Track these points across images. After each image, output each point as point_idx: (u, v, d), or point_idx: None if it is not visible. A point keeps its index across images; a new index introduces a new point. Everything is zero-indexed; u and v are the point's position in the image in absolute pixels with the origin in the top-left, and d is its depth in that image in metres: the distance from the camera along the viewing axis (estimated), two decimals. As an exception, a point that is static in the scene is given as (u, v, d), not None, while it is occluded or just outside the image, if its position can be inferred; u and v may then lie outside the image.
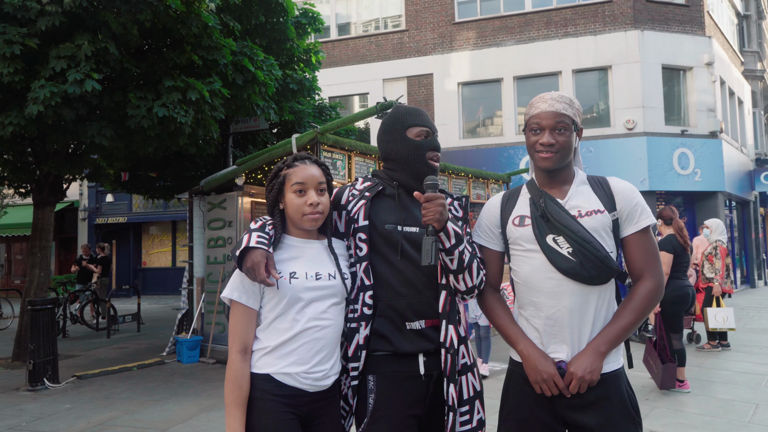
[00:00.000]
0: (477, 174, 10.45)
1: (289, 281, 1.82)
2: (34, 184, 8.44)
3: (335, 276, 1.89)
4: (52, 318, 6.69)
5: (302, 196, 1.87)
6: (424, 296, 1.92)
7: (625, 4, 14.46)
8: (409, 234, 1.96)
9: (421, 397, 1.91)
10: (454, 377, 1.90)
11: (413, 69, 16.39)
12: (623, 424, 1.81)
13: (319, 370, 1.83)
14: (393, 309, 1.91)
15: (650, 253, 1.88)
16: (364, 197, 2.00)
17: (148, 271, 20.46)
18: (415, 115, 2.05)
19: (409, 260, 1.93)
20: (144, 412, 5.42)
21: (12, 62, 5.98)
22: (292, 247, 1.90)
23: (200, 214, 8.35)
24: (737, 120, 18.09)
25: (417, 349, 1.90)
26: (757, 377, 6.19)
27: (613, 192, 1.91)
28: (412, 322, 1.91)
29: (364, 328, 1.91)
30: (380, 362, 1.90)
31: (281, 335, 1.81)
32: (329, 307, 1.87)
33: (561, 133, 1.87)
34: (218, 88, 6.89)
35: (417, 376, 1.90)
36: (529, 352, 1.85)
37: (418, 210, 1.97)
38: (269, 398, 1.78)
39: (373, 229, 1.96)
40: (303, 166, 1.91)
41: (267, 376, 1.80)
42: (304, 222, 1.89)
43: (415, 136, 2.02)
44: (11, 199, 15.02)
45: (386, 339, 1.90)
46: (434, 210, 1.81)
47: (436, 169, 2.02)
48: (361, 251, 1.95)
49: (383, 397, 1.87)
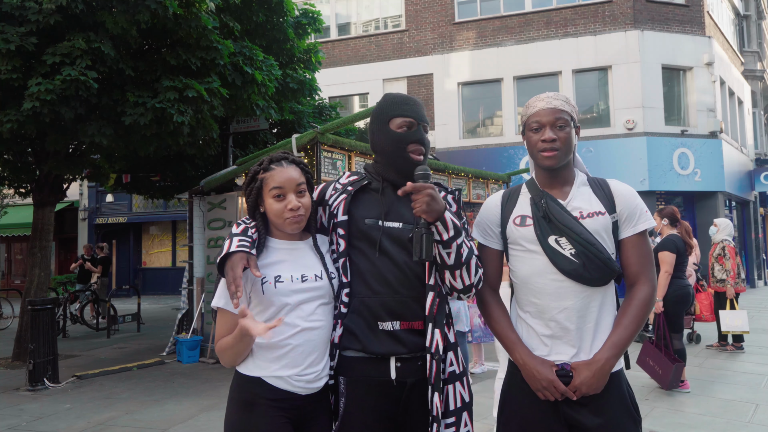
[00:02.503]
0: (477, 174, 10.45)
1: (275, 285, 1.79)
2: (34, 184, 8.44)
3: (322, 276, 1.85)
4: (52, 318, 6.69)
5: (281, 200, 1.83)
6: (400, 296, 1.82)
7: (625, 4, 14.46)
8: (390, 229, 1.86)
9: (394, 403, 1.81)
10: (438, 385, 1.78)
11: (413, 69, 16.39)
12: (624, 424, 1.81)
13: (311, 372, 1.80)
14: (366, 306, 1.82)
15: (646, 257, 1.88)
16: (346, 191, 1.93)
17: (148, 271, 20.46)
18: (400, 104, 1.92)
19: (387, 257, 1.84)
20: (144, 412, 5.42)
21: (10, 60, 5.99)
22: (277, 249, 1.87)
23: (200, 214, 8.35)
24: (737, 120, 18.09)
25: (388, 351, 1.80)
26: (757, 377, 6.19)
27: (614, 194, 1.91)
28: (384, 322, 1.80)
29: (339, 326, 1.85)
30: (351, 364, 1.83)
31: (272, 338, 1.78)
32: (317, 308, 1.84)
33: (561, 128, 1.87)
34: (216, 87, 6.89)
35: (388, 381, 1.81)
36: (526, 361, 1.83)
37: (404, 205, 1.89)
38: (262, 402, 1.76)
39: (352, 224, 1.88)
40: (280, 169, 1.85)
41: (258, 379, 1.78)
42: (285, 226, 1.85)
43: (397, 128, 1.90)
44: (11, 199, 15.01)
45: (356, 337, 1.82)
46: (422, 201, 1.71)
47: (419, 164, 1.87)
48: (340, 246, 1.88)
49: (353, 402, 1.81)
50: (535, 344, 1.88)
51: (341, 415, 1.82)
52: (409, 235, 1.81)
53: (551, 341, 1.85)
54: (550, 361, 1.83)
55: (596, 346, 1.82)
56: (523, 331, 1.92)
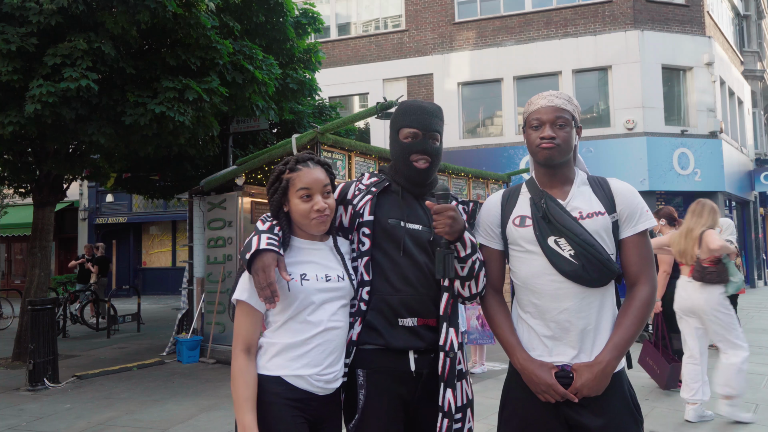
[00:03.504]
0: (477, 174, 10.45)
1: (301, 283, 1.79)
2: (34, 184, 8.44)
3: (344, 277, 1.87)
4: (52, 318, 6.69)
5: (308, 201, 1.83)
6: (419, 295, 1.90)
7: (625, 4, 14.46)
8: (412, 231, 1.95)
9: (410, 394, 1.89)
10: (452, 382, 1.87)
11: (413, 69, 16.39)
12: (626, 425, 1.80)
13: (330, 372, 1.81)
14: (386, 304, 1.89)
15: (646, 257, 1.87)
16: (370, 192, 1.99)
17: (148, 271, 20.46)
18: (408, 114, 1.99)
19: (409, 257, 1.92)
20: (144, 412, 5.42)
21: (10, 61, 5.99)
22: (300, 249, 1.87)
23: (200, 214, 8.34)
24: (737, 120, 18.10)
25: (408, 345, 1.88)
26: (757, 377, 6.18)
27: (614, 193, 1.89)
28: (404, 319, 1.88)
29: (358, 324, 1.90)
30: (370, 357, 1.88)
31: (294, 336, 1.79)
32: (339, 309, 1.85)
33: (561, 127, 1.86)
34: (216, 87, 6.89)
35: (407, 373, 1.88)
36: (525, 365, 1.83)
37: (422, 208, 1.99)
38: (280, 402, 1.74)
39: (377, 224, 1.95)
40: (307, 170, 1.85)
41: (278, 378, 1.77)
42: (311, 227, 1.85)
43: (404, 138, 1.98)
44: (11, 199, 15.00)
45: (378, 332, 1.88)
46: (443, 222, 1.80)
47: (423, 171, 1.96)
48: (364, 246, 1.94)
49: (374, 392, 1.86)
50: (536, 345, 1.87)
51: (361, 406, 1.87)
52: (431, 244, 1.93)
53: (552, 342, 1.85)
54: (549, 364, 1.82)
55: (597, 347, 1.81)
56: (524, 332, 1.92)
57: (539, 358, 1.85)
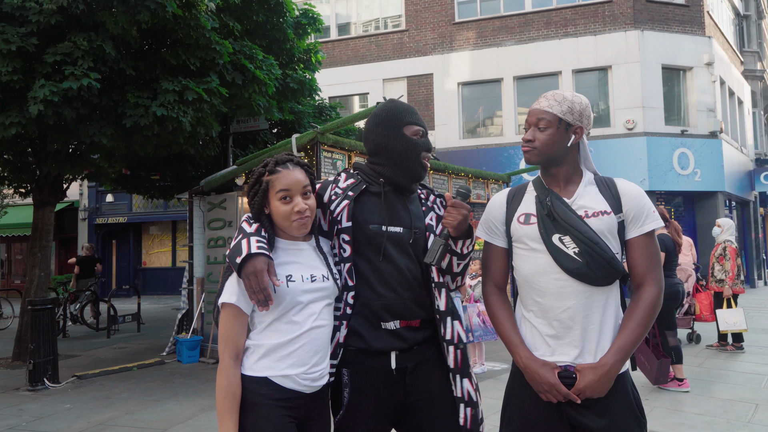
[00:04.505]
0: (477, 174, 10.45)
1: (287, 284, 1.80)
2: (34, 184, 8.43)
3: (328, 277, 1.88)
4: (52, 318, 6.69)
5: (288, 203, 1.83)
6: (402, 298, 1.93)
7: (625, 4, 14.46)
8: (393, 234, 1.96)
9: (396, 389, 1.92)
10: (467, 371, 1.95)
11: (413, 69, 16.39)
12: (629, 426, 1.80)
13: (316, 370, 1.83)
14: (369, 309, 1.92)
15: (653, 258, 1.85)
16: (347, 197, 1.96)
17: (148, 271, 20.45)
18: (412, 113, 2.04)
19: (389, 262, 1.94)
20: (144, 412, 5.42)
21: (11, 61, 5.99)
22: (284, 250, 1.87)
23: (200, 214, 8.35)
24: (737, 120, 18.10)
25: (389, 347, 1.92)
26: (757, 377, 6.19)
27: (620, 194, 1.89)
28: (387, 323, 1.92)
29: (345, 327, 1.93)
30: (354, 357, 1.92)
31: (281, 337, 1.79)
32: (324, 308, 1.86)
33: (542, 130, 1.89)
34: (215, 87, 6.89)
35: (389, 371, 1.92)
36: (528, 364, 1.83)
37: (404, 209, 2.01)
38: (267, 402, 1.75)
39: (357, 230, 1.94)
40: (286, 172, 1.85)
41: (265, 379, 1.77)
42: (292, 228, 1.85)
43: (412, 134, 2.00)
44: (11, 199, 15.00)
45: (360, 336, 1.92)
46: (455, 217, 1.87)
47: (427, 169, 2.06)
48: (345, 252, 1.94)
49: (357, 391, 1.90)
50: (539, 344, 1.86)
51: (346, 403, 1.91)
52: (412, 245, 1.99)
53: (554, 341, 1.84)
54: (551, 363, 1.82)
55: (600, 347, 1.81)
56: (527, 331, 1.91)
57: (542, 357, 1.84)
